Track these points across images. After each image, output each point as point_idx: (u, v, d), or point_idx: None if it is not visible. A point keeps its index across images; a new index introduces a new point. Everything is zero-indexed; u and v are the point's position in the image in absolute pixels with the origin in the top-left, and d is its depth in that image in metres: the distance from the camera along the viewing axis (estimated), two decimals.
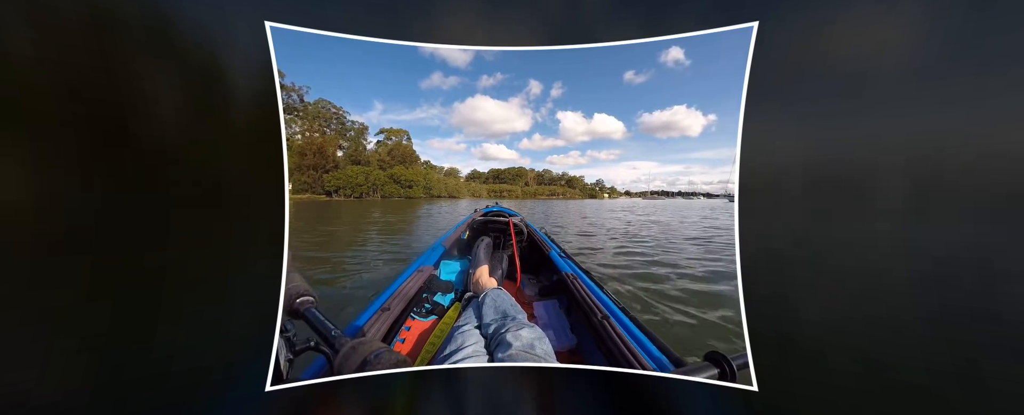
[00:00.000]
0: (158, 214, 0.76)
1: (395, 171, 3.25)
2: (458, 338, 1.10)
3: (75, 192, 0.69)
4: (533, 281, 1.92)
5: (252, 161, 0.86)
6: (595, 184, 3.78)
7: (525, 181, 3.87)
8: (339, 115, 2.67)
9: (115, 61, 0.73)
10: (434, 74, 1.69)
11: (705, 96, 1.44)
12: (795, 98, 0.84)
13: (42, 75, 0.67)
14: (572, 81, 1.43)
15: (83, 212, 0.70)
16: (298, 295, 0.90)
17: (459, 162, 3.48)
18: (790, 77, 0.84)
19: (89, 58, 0.70)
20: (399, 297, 1.38)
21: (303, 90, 1.94)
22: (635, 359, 0.96)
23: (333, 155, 2.74)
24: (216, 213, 0.82)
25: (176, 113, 0.78)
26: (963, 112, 0.71)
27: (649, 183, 2.20)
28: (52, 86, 0.67)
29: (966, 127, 0.71)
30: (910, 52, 0.74)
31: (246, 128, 0.86)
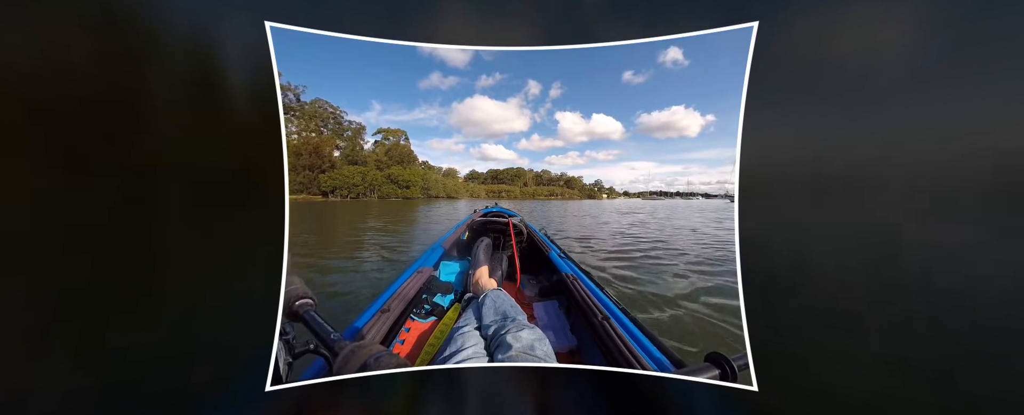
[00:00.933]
0: (158, 214, 0.76)
1: (392, 171, 3.24)
2: (458, 339, 1.09)
3: (74, 192, 0.69)
4: (533, 282, 1.92)
5: (252, 162, 0.86)
6: (594, 184, 3.79)
7: (524, 181, 3.87)
8: (336, 115, 2.66)
9: (115, 61, 0.72)
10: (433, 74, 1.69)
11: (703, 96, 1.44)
12: (795, 98, 0.84)
13: (41, 75, 0.66)
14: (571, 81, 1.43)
15: (83, 212, 0.70)
16: (297, 298, 0.89)
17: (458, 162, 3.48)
18: (790, 77, 0.84)
19: (89, 58, 0.70)
20: (398, 298, 1.38)
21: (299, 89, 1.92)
22: (635, 360, 0.95)
23: (329, 155, 2.73)
24: (216, 213, 0.81)
25: (176, 113, 0.77)
26: (963, 112, 0.71)
27: (647, 183, 2.21)
28: (52, 86, 0.67)
29: (966, 127, 0.71)
30: (910, 52, 0.74)
31: (246, 128, 0.85)
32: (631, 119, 1.91)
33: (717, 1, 0.89)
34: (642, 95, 1.55)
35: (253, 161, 0.86)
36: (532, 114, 2.09)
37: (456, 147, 2.44)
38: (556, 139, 2.40)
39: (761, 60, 0.85)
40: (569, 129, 2.36)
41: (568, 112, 2.16)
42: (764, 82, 0.85)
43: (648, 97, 1.56)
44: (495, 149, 2.48)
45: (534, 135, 2.30)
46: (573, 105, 1.73)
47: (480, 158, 2.56)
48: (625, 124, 1.98)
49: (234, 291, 0.82)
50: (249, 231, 0.85)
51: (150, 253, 0.75)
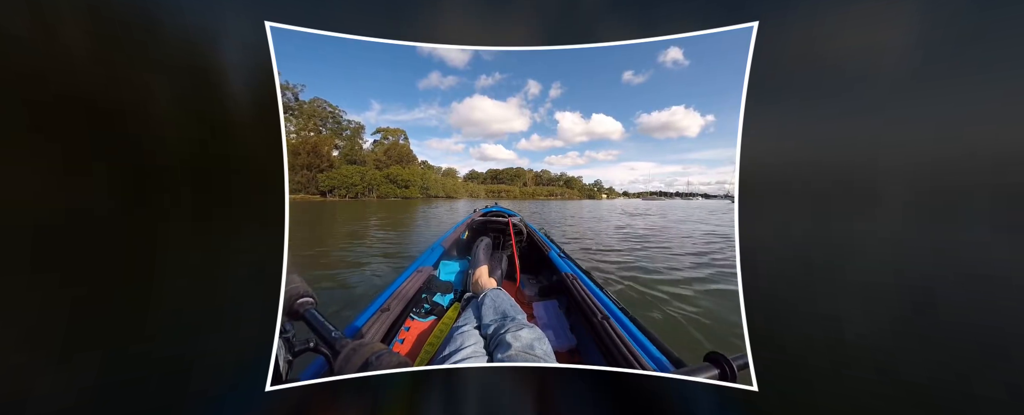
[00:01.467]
0: (158, 214, 0.76)
1: (391, 171, 3.23)
2: (457, 338, 1.09)
3: (74, 192, 0.69)
4: (533, 281, 1.92)
5: (252, 161, 0.86)
6: (593, 185, 3.77)
7: (524, 181, 3.86)
8: (335, 114, 2.65)
9: (114, 61, 0.72)
10: (432, 74, 1.69)
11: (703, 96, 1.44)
12: (795, 98, 0.84)
13: (41, 75, 0.66)
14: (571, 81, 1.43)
15: (83, 212, 0.70)
16: (298, 296, 0.89)
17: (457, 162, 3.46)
18: (790, 77, 0.84)
19: (88, 58, 0.70)
20: (398, 297, 1.38)
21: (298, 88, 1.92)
22: (635, 359, 0.96)
23: (328, 154, 2.73)
24: (216, 213, 0.81)
25: (175, 112, 0.77)
26: (963, 112, 0.71)
27: (647, 184, 2.19)
28: (52, 85, 0.67)
29: (966, 126, 0.71)
30: (910, 52, 0.74)
31: (246, 128, 0.86)
32: (631, 119, 1.91)
33: (717, 1, 0.89)
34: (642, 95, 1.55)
35: (253, 160, 0.86)
36: (532, 114, 2.08)
37: (455, 147, 2.43)
38: (556, 139, 2.40)
39: (761, 60, 0.85)
40: (569, 129, 2.35)
41: (568, 112, 2.15)
42: (764, 82, 0.85)
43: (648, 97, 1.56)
44: (495, 149, 2.48)
45: (534, 135, 2.30)
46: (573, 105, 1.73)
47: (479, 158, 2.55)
48: (625, 124, 1.97)
49: (234, 291, 0.82)
50: (249, 231, 0.86)
51: (149, 252, 0.75)
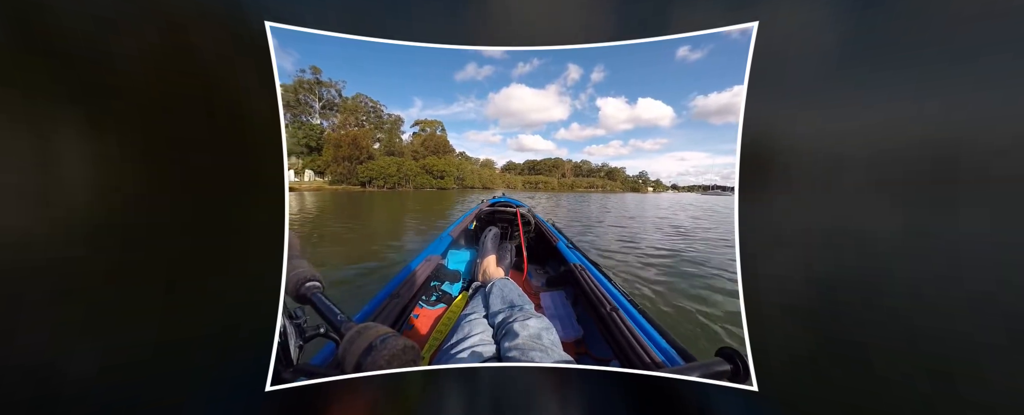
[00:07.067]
0: (157, 214, 0.76)
1: (428, 161, 3.24)
2: (465, 327, 1.10)
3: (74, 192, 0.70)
4: (540, 271, 1.92)
5: (252, 160, 0.85)
6: (638, 176, 3.51)
7: (562, 172, 3.74)
8: (376, 108, 2.70)
9: None
10: (469, 65, 1.66)
11: None
12: (795, 96, 0.82)
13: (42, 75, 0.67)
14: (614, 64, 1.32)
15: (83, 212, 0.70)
16: (305, 280, 0.89)
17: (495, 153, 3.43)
18: (790, 76, 0.82)
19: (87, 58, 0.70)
20: (407, 285, 1.39)
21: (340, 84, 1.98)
22: (644, 351, 0.95)
23: (367, 147, 2.77)
24: (216, 213, 0.81)
25: (175, 112, 0.77)
26: (963, 113, 0.69)
27: (699, 176, 2.01)
28: (51, 85, 0.67)
29: (966, 126, 0.69)
30: None
31: (246, 126, 0.85)
32: (684, 103, 1.74)
33: None
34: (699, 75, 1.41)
35: (253, 158, 0.85)
36: (572, 101, 2.00)
37: (493, 138, 2.40)
38: (597, 127, 2.28)
39: (761, 59, 0.83)
40: (612, 116, 2.22)
41: (610, 98, 2.01)
42: (764, 81, 0.84)
43: (706, 78, 1.43)
44: (532, 139, 2.42)
45: (573, 124, 2.20)
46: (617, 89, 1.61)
47: (517, 149, 2.51)
48: (677, 109, 1.80)
49: (234, 290, 0.82)
50: (249, 230, 0.85)
51: (148, 252, 0.75)
